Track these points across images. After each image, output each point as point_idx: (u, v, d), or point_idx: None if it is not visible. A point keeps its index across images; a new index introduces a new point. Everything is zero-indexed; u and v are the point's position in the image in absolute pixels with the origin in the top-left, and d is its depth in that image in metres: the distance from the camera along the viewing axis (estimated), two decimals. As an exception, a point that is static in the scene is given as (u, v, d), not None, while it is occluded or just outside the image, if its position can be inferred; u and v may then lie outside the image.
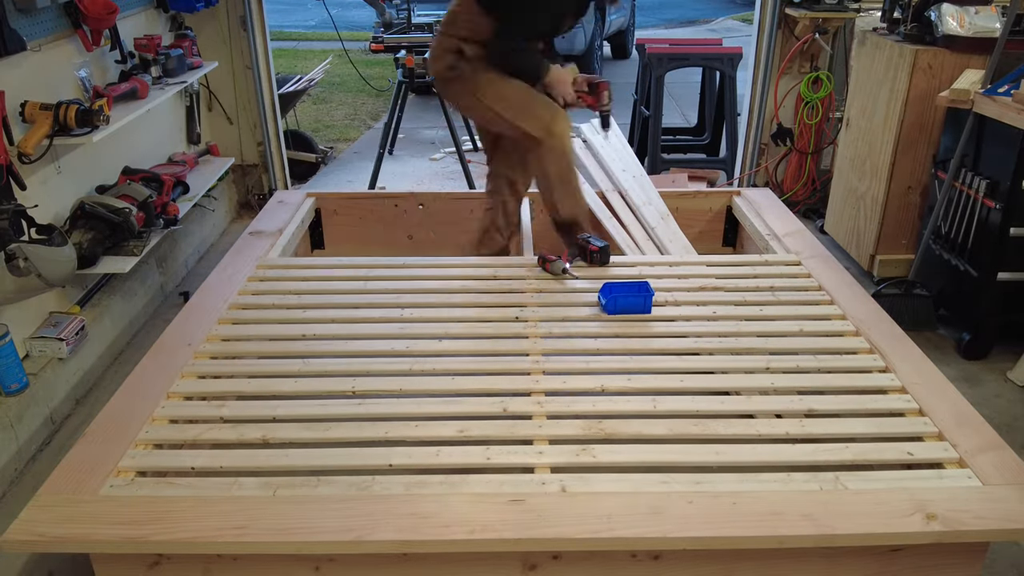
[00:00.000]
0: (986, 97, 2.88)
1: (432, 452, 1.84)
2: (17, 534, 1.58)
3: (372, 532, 1.59)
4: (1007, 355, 2.99)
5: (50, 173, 2.79)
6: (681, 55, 4.90)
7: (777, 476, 1.75)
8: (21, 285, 2.38)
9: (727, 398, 2.06)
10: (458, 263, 2.84)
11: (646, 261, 2.87)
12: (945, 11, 3.24)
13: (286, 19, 12.37)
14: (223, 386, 2.14)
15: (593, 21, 7.37)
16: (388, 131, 4.83)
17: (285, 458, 1.82)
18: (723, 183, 4.77)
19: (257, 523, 1.61)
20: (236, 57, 4.28)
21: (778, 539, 1.60)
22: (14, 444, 2.41)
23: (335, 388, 2.10)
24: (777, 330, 2.37)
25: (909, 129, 3.34)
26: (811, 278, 2.68)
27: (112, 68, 3.25)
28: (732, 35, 10.92)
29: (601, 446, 1.85)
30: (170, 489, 1.71)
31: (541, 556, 1.68)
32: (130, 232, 2.90)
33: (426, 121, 6.75)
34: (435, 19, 4.85)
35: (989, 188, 2.86)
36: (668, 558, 1.69)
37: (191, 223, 3.86)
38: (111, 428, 1.90)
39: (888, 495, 1.67)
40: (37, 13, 2.69)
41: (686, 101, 6.94)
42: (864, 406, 2.01)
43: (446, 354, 2.25)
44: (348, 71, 7.76)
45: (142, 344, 3.10)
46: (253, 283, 2.66)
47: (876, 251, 3.59)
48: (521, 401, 2.02)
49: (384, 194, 3.76)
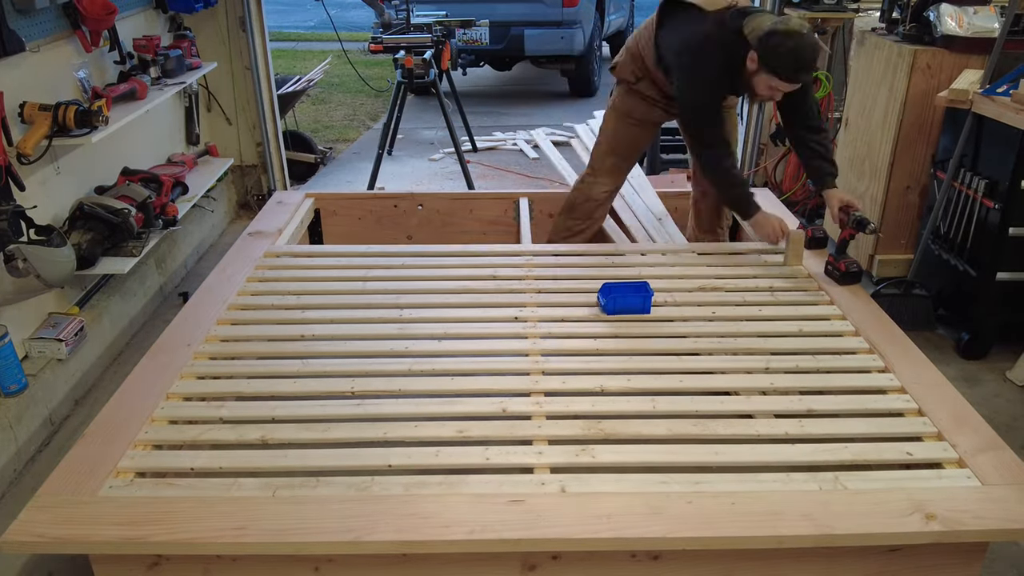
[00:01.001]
0: (985, 97, 2.89)
1: (431, 452, 1.84)
2: (16, 535, 1.58)
3: (371, 532, 1.59)
4: (1006, 355, 2.99)
5: (49, 174, 2.79)
6: (680, 55, 4.89)
7: (776, 476, 1.75)
8: (20, 286, 2.38)
9: (726, 398, 2.06)
10: (457, 261, 2.84)
11: (644, 261, 2.86)
12: (944, 11, 3.24)
13: (285, 20, 12.37)
14: (222, 387, 2.14)
15: (593, 21, 7.37)
16: (387, 131, 4.83)
17: (284, 459, 1.82)
18: (722, 183, 4.76)
19: (256, 524, 1.60)
20: (235, 58, 4.28)
21: (777, 539, 1.60)
22: (13, 445, 2.41)
23: (334, 388, 2.09)
24: (776, 330, 2.37)
25: (908, 129, 3.35)
26: (810, 278, 2.68)
27: (111, 69, 3.25)
28: (731, 35, 10.89)
29: (600, 446, 1.85)
30: (169, 490, 1.71)
31: (540, 556, 1.68)
32: (129, 233, 2.90)
33: (425, 121, 6.75)
34: (434, 19, 4.85)
35: (988, 188, 2.86)
36: (667, 558, 1.69)
37: (190, 224, 3.86)
38: (110, 429, 1.90)
39: (887, 495, 1.67)
40: (36, 14, 2.69)
41: (685, 101, 6.93)
42: (863, 406, 2.00)
43: (445, 354, 2.25)
44: (347, 72, 7.76)
45: (141, 345, 3.10)
46: (252, 283, 2.66)
47: (875, 251, 3.59)
48: (520, 401, 2.02)
49: (383, 194, 3.76)
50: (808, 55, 2.43)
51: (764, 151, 4.61)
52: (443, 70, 4.78)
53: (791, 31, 2.42)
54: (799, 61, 2.43)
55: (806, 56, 2.43)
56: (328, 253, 2.98)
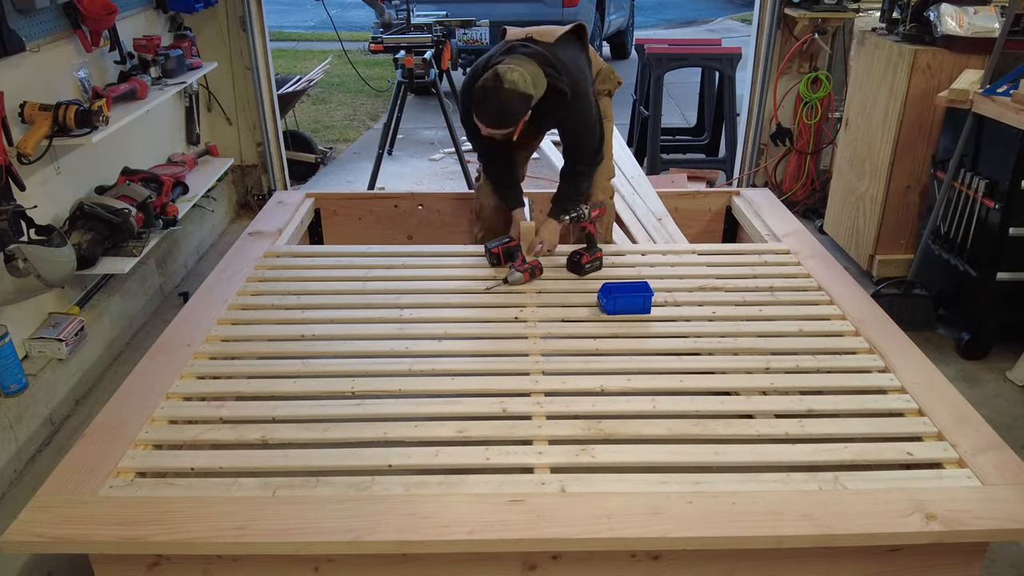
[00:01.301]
0: (985, 97, 2.89)
1: (431, 452, 1.84)
2: (16, 535, 1.58)
3: (371, 532, 1.59)
4: (1006, 355, 2.99)
5: (49, 174, 2.79)
6: (680, 55, 4.91)
7: (776, 476, 1.75)
8: (20, 286, 2.38)
9: (726, 398, 2.07)
10: (457, 261, 2.84)
11: (644, 261, 2.87)
12: (944, 11, 3.24)
13: (285, 20, 12.36)
14: (222, 387, 2.14)
15: (593, 21, 7.37)
16: (387, 131, 4.83)
17: (284, 459, 1.82)
18: (722, 183, 4.77)
19: (256, 523, 1.61)
20: (235, 58, 4.28)
21: (777, 539, 1.60)
22: (13, 445, 2.41)
23: (334, 388, 2.10)
24: (776, 330, 2.37)
25: (908, 129, 3.35)
26: (810, 278, 2.68)
27: (111, 69, 3.25)
28: (731, 35, 10.91)
29: (601, 446, 1.85)
30: (170, 490, 1.71)
31: (540, 556, 1.68)
32: (129, 233, 2.90)
33: (425, 121, 6.75)
34: (434, 19, 4.85)
35: (988, 188, 2.86)
36: (667, 558, 1.69)
37: (190, 224, 3.86)
38: (110, 429, 1.90)
39: (887, 495, 1.67)
40: (36, 14, 2.69)
41: (685, 101, 6.94)
42: (863, 406, 2.01)
43: (445, 354, 2.25)
44: (347, 71, 7.76)
45: (141, 345, 3.10)
46: (252, 283, 2.66)
47: (875, 251, 3.59)
48: (521, 401, 2.02)
49: (383, 194, 3.76)
50: (487, 106, 2.43)
51: (764, 151, 4.61)
52: (443, 70, 4.77)
53: (485, 83, 2.44)
54: (478, 110, 2.46)
55: (484, 107, 2.44)
56: (328, 253, 2.98)
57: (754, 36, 4.45)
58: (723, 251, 2.98)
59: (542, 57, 2.59)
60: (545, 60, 2.58)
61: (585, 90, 2.71)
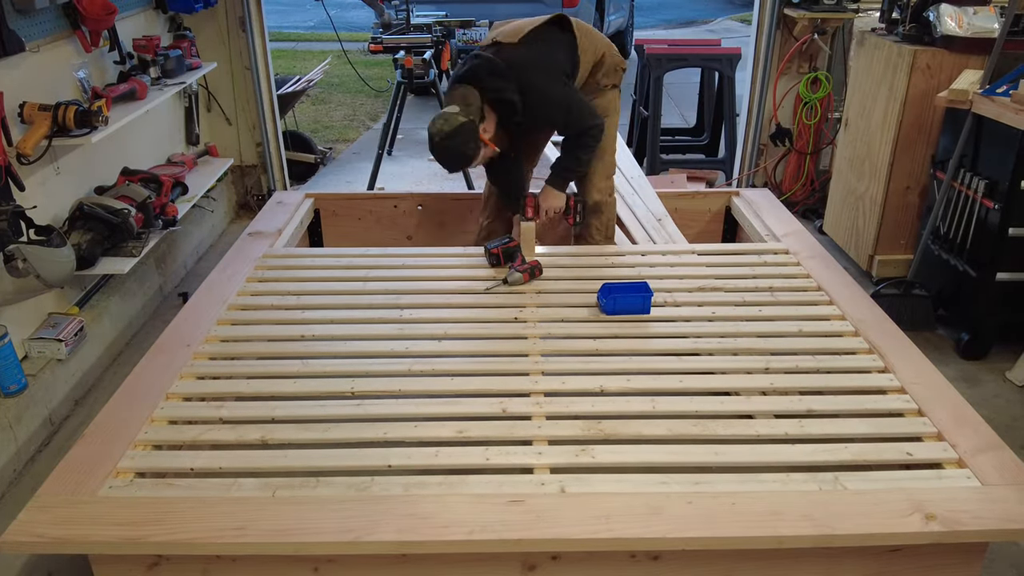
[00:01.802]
0: (984, 97, 2.89)
1: (431, 453, 1.84)
2: (16, 535, 1.58)
3: (371, 533, 1.59)
4: (1006, 355, 2.99)
5: (49, 174, 2.79)
6: (680, 56, 4.91)
7: (776, 476, 1.75)
8: (20, 286, 2.38)
9: (726, 398, 2.06)
10: (457, 261, 2.84)
11: (644, 261, 2.86)
12: (943, 11, 3.24)
13: (285, 20, 12.36)
14: (222, 387, 2.14)
15: (592, 21, 7.38)
16: (387, 132, 4.82)
17: (284, 459, 1.82)
18: (722, 184, 4.77)
19: (256, 524, 1.60)
20: (235, 58, 4.28)
21: (777, 539, 1.60)
22: (13, 445, 2.41)
23: (334, 389, 2.09)
24: (776, 330, 2.37)
25: (908, 129, 3.35)
26: (810, 278, 2.68)
27: (111, 69, 3.25)
28: (731, 36, 10.92)
29: (600, 447, 1.85)
30: (169, 490, 1.71)
31: (540, 556, 1.68)
32: (129, 233, 2.90)
33: (425, 122, 6.66)
34: (434, 19, 4.85)
35: (988, 188, 2.86)
36: (667, 558, 1.69)
37: (190, 224, 3.86)
38: (110, 429, 1.90)
39: (887, 495, 1.67)
40: (36, 14, 2.69)
41: (685, 102, 6.94)
42: (863, 406, 2.01)
43: (445, 355, 2.25)
44: (347, 72, 7.75)
45: (141, 345, 3.10)
46: (252, 284, 2.66)
47: (875, 251, 3.59)
48: (520, 402, 2.02)
49: (383, 195, 3.76)
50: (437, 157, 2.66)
51: (764, 151, 4.61)
52: (443, 70, 4.77)
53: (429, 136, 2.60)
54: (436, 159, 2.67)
55: (437, 158, 2.66)
56: (328, 253, 2.99)
57: (754, 36, 4.45)
58: (723, 251, 2.98)
59: (486, 70, 2.63)
60: (491, 71, 2.62)
61: (544, 84, 2.68)
